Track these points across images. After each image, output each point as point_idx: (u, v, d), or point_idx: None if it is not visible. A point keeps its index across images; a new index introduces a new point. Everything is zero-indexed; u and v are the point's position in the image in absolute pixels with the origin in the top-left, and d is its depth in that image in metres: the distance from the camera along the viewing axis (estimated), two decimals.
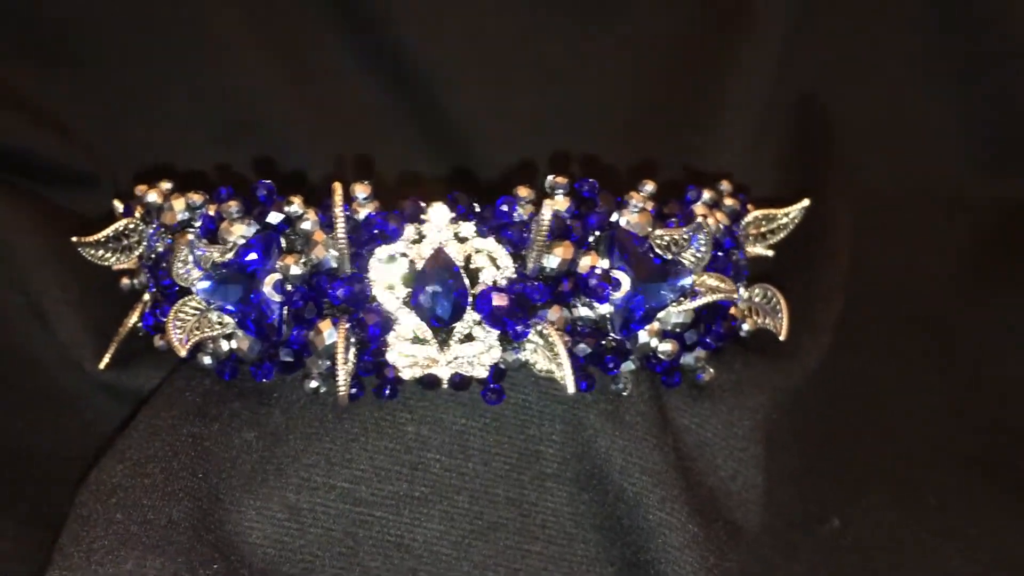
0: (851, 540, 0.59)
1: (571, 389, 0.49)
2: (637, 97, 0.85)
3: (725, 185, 0.58)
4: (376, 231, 0.50)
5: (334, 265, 0.51)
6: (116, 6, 0.79)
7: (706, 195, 0.55)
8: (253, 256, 0.52)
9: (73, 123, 0.79)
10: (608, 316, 0.52)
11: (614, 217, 0.52)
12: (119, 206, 0.61)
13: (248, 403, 0.54)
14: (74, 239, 0.59)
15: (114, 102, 0.81)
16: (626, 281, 0.51)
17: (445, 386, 0.52)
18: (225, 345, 0.54)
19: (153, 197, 0.55)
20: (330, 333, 0.51)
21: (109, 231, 0.59)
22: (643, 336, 0.53)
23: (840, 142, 0.82)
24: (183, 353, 0.51)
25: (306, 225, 0.52)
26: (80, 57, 0.80)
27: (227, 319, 0.53)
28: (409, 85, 0.82)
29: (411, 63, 0.81)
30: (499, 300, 0.50)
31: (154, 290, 0.59)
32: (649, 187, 0.53)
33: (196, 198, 0.54)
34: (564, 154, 0.79)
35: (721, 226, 0.55)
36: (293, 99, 0.81)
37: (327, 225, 0.52)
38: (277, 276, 0.51)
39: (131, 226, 0.60)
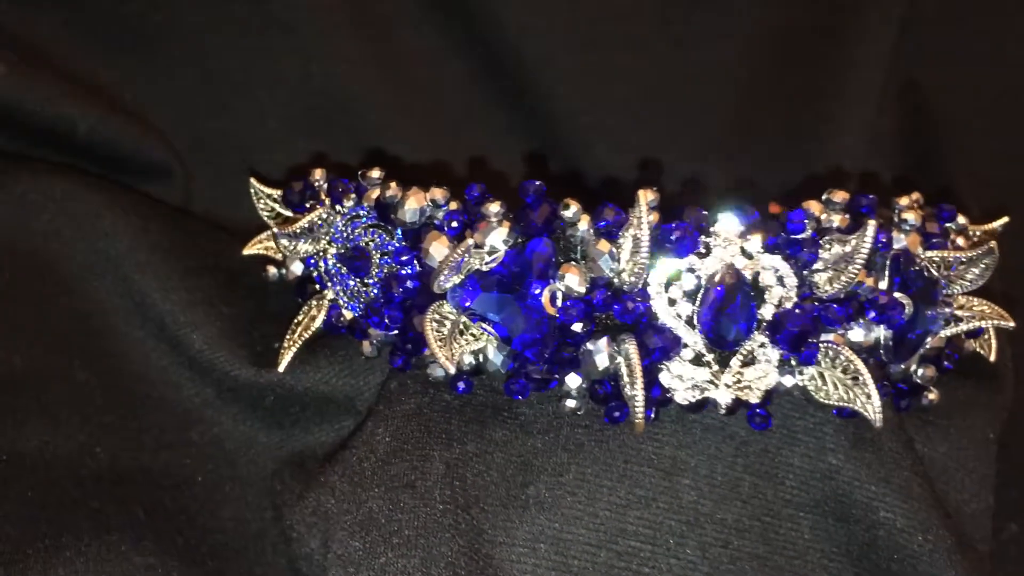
0: None
1: (879, 422, 0.46)
2: (745, 90, 0.82)
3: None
4: (667, 243, 0.46)
5: (625, 279, 0.46)
6: None
7: (961, 219, 0.53)
8: (524, 264, 0.47)
9: (149, 112, 0.73)
10: (882, 340, 0.50)
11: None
12: (320, 183, 0.55)
13: (496, 423, 0.49)
14: (274, 229, 0.53)
15: (191, 90, 0.74)
16: (909, 305, 0.49)
17: (722, 411, 0.48)
18: (468, 357, 0.49)
19: (392, 192, 0.49)
20: (606, 354, 0.47)
21: (305, 222, 0.53)
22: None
23: (953, 134, 0.80)
24: (452, 370, 0.46)
25: (581, 232, 0.47)
26: (157, 44, 0.73)
27: (486, 330, 0.48)
28: (506, 69, 0.77)
29: (509, 47, 0.76)
30: (796, 322, 0.46)
31: (345, 286, 0.54)
32: (906, 203, 0.51)
33: (439, 195, 0.49)
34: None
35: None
36: (383, 84, 0.74)
37: (605, 233, 0.47)
38: (557, 288, 0.46)
39: (324, 216, 0.54)
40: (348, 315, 0.56)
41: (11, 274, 0.62)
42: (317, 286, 0.58)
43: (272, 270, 0.62)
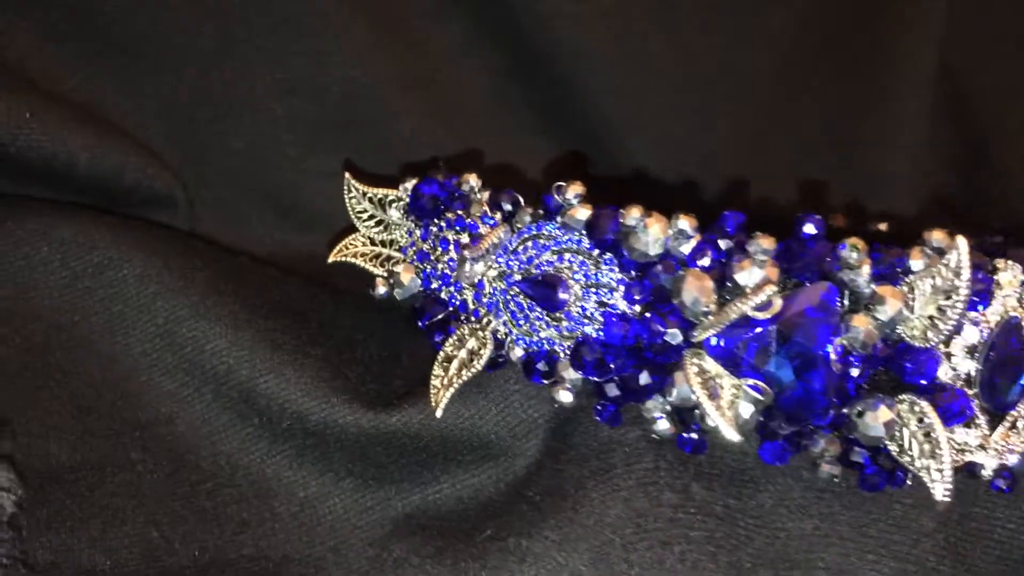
0: None
1: None
2: (787, 80, 0.78)
3: None
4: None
5: (916, 333, 0.41)
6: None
7: None
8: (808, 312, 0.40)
9: (145, 132, 0.63)
10: None
11: None
12: (476, 192, 0.47)
13: (749, 491, 0.42)
14: (460, 250, 0.44)
15: (188, 104, 0.64)
16: None
17: (988, 476, 0.44)
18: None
19: (635, 217, 0.41)
20: (888, 416, 0.41)
21: (493, 239, 0.45)
22: None
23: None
24: (737, 438, 0.39)
25: (863, 278, 0.41)
26: (145, 54, 0.63)
27: (745, 385, 0.41)
28: (537, 64, 0.70)
29: (535, 47, 0.69)
30: None
31: (522, 319, 0.45)
32: None
33: (687, 224, 0.41)
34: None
35: None
36: (406, 86, 0.66)
37: (882, 278, 0.41)
38: (844, 340, 0.40)
39: (502, 235, 0.45)
40: (518, 351, 0.47)
41: (24, 344, 0.52)
42: (461, 313, 0.49)
43: (381, 286, 0.52)
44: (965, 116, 0.77)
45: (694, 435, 0.43)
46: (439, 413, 0.47)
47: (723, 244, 0.42)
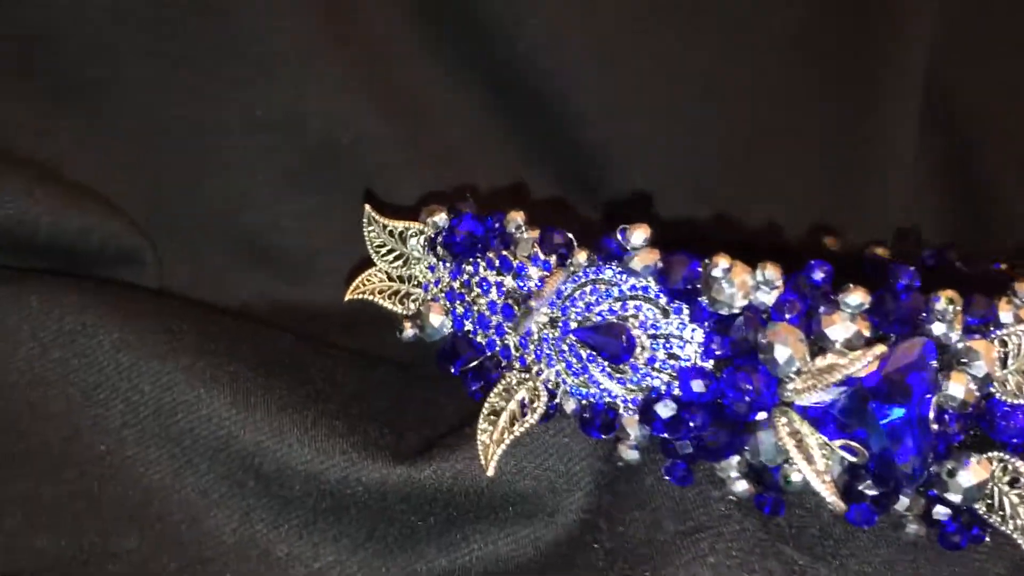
0: None
1: None
2: (777, 107, 0.77)
3: None
4: None
5: (1009, 388, 0.39)
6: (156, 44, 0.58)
7: None
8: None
9: (104, 182, 0.59)
10: None
11: None
12: (522, 231, 0.44)
13: (826, 556, 0.40)
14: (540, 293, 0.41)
15: (155, 152, 0.60)
16: None
17: None
18: (795, 475, 0.40)
19: (722, 266, 0.39)
20: (981, 475, 0.39)
21: (557, 285, 0.42)
22: None
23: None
24: (842, 507, 0.37)
25: (957, 332, 0.39)
26: (98, 99, 0.59)
27: (836, 445, 0.39)
28: (518, 101, 0.67)
29: (518, 79, 0.66)
30: None
31: (580, 370, 0.43)
32: None
33: (773, 273, 0.39)
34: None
35: None
36: (386, 119, 0.62)
37: (971, 330, 0.40)
38: (940, 398, 0.38)
39: (563, 279, 0.43)
40: (572, 403, 0.44)
41: None
42: (503, 359, 0.46)
43: (409, 328, 0.49)
44: (953, 124, 0.77)
45: (771, 495, 0.41)
46: (491, 471, 0.44)
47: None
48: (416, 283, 0.52)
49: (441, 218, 0.49)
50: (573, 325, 0.44)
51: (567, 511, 0.46)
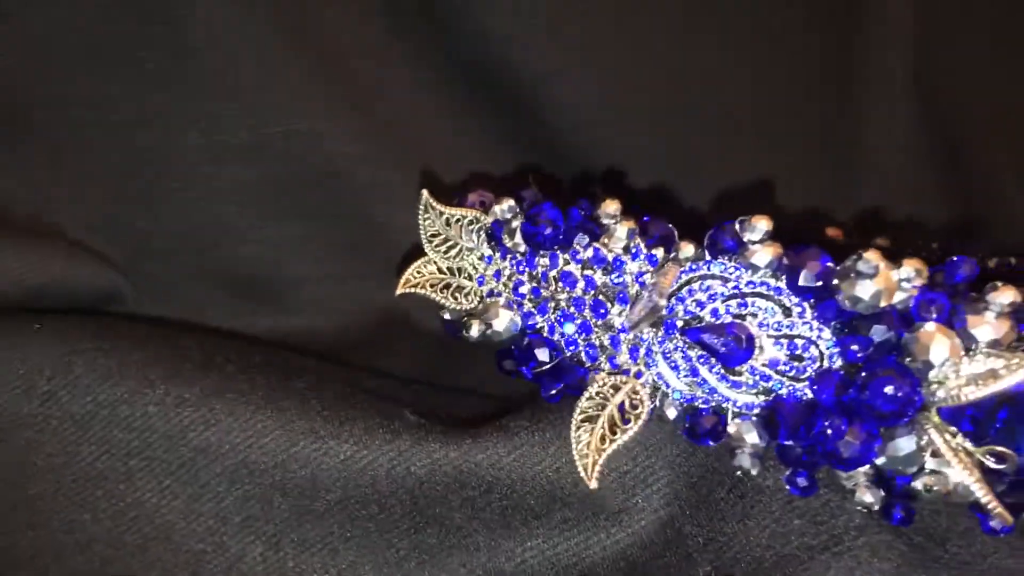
0: None
1: None
2: (761, 95, 0.76)
3: None
4: None
5: None
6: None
7: None
8: None
9: (84, 232, 0.55)
10: None
11: None
12: (615, 222, 0.40)
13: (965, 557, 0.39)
14: (655, 286, 0.38)
15: (121, 189, 0.56)
16: None
17: None
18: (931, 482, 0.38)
19: (870, 262, 0.36)
20: None
21: (670, 282, 0.39)
22: None
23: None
24: (1009, 520, 0.35)
25: None
26: (75, 148, 0.55)
27: (985, 453, 0.37)
28: (492, 102, 0.64)
29: (491, 79, 0.63)
30: None
31: (686, 373, 0.40)
32: None
33: (913, 268, 0.37)
34: None
35: None
36: (354, 136, 0.58)
37: None
38: None
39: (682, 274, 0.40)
40: (672, 409, 0.41)
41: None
42: (588, 361, 0.43)
43: (476, 327, 0.45)
44: (940, 117, 0.77)
45: (900, 503, 0.39)
46: (594, 484, 0.40)
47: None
48: (467, 275, 0.48)
49: (507, 206, 0.45)
50: (680, 324, 0.40)
51: (637, 512, 0.43)
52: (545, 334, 0.45)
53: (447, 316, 0.48)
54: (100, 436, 0.45)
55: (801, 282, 0.38)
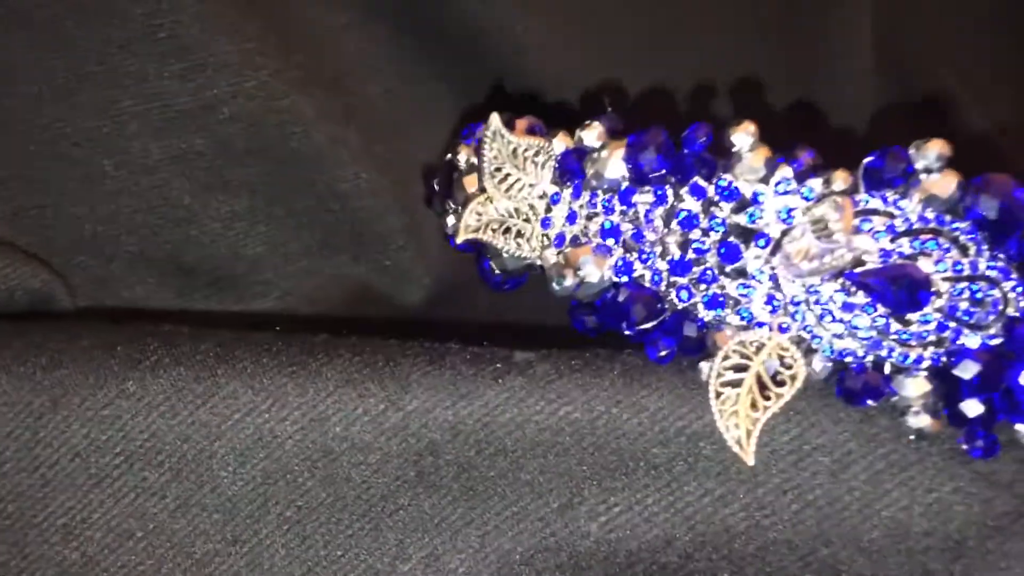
0: None
1: None
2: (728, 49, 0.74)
3: None
4: None
5: None
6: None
7: None
8: None
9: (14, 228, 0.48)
10: None
11: None
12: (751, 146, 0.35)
13: None
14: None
15: (54, 176, 0.48)
16: None
17: None
18: None
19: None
20: None
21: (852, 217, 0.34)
22: None
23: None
24: None
25: None
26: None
27: None
28: (454, 63, 0.59)
29: (451, 39, 0.58)
30: None
31: (846, 327, 0.35)
32: None
33: None
34: None
35: None
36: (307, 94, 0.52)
37: None
38: None
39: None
40: (820, 364, 0.36)
41: None
42: (709, 311, 0.37)
43: (570, 278, 0.38)
44: (906, 80, 0.76)
45: None
46: (751, 459, 0.34)
47: None
48: (524, 217, 0.40)
49: (597, 131, 0.38)
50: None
51: (707, 477, 0.38)
52: (647, 284, 0.38)
53: (507, 265, 0.40)
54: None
55: (984, 214, 0.33)
